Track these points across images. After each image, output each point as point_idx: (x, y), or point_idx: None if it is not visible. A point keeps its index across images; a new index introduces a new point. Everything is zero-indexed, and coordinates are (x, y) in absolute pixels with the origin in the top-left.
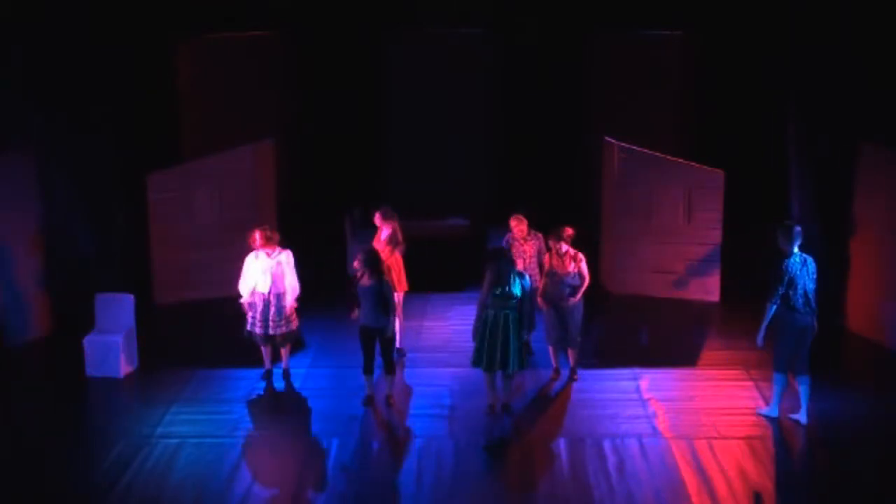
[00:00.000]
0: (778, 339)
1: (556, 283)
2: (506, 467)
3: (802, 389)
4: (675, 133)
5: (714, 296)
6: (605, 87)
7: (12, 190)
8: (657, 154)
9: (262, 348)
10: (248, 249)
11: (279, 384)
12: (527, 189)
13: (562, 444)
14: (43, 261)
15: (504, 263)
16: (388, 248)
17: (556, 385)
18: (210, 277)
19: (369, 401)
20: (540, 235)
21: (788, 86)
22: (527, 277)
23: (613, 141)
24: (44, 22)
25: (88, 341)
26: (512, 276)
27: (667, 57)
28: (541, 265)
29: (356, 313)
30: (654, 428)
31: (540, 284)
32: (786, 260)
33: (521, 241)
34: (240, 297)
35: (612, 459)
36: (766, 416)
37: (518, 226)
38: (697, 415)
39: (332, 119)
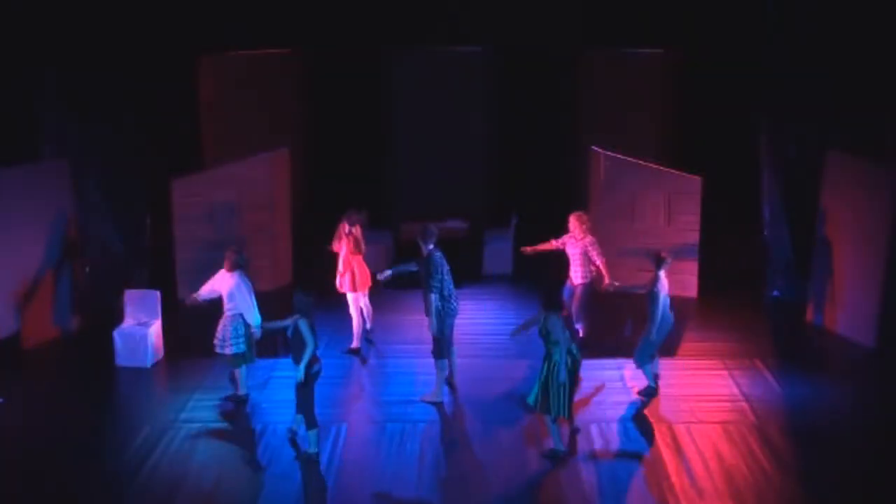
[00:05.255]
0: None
1: None
2: (501, 448)
3: None
4: (656, 142)
5: (692, 292)
6: (593, 101)
7: (49, 195)
8: (640, 162)
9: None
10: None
11: (293, 373)
12: (520, 194)
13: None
14: (77, 260)
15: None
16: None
17: None
18: None
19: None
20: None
21: (761, 99)
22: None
23: (600, 150)
24: (76, 39)
25: (118, 334)
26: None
27: (649, 73)
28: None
29: None
30: (636, 413)
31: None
32: None
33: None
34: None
35: (598, 442)
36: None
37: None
38: (677, 401)
39: (342, 129)
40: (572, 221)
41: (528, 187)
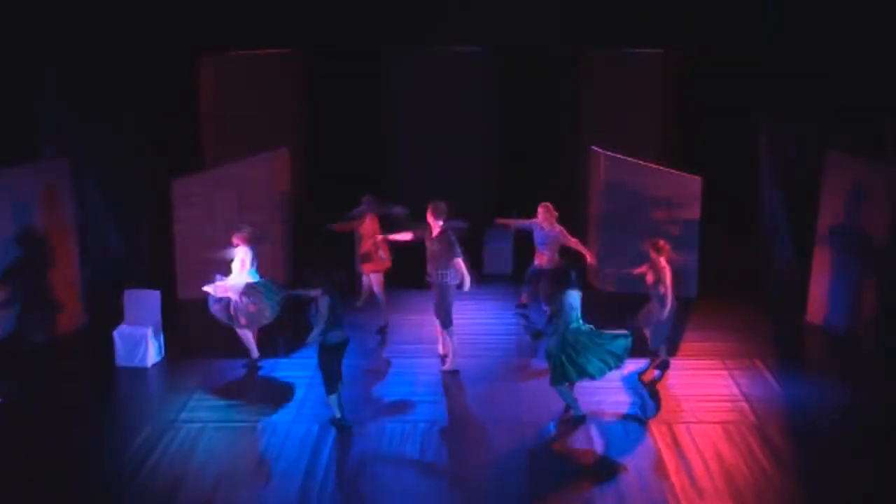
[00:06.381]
0: None
1: None
2: (502, 448)
3: None
4: (656, 142)
5: (692, 291)
6: (593, 101)
7: (48, 194)
8: (640, 162)
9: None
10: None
11: (293, 372)
12: (520, 194)
13: (552, 427)
14: (76, 259)
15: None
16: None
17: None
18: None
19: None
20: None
21: (761, 99)
22: None
23: (600, 150)
24: (76, 39)
25: (118, 334)
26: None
27: (649, 73)
28: None
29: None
30: (636, 413)
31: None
32: None
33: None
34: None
35: (598, 441)
36: None
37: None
38: (677, 401)
39: (342, 129)
40: (541, 212)
41: (528, 187)
